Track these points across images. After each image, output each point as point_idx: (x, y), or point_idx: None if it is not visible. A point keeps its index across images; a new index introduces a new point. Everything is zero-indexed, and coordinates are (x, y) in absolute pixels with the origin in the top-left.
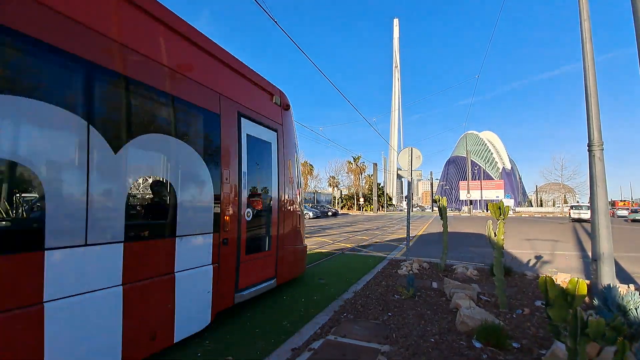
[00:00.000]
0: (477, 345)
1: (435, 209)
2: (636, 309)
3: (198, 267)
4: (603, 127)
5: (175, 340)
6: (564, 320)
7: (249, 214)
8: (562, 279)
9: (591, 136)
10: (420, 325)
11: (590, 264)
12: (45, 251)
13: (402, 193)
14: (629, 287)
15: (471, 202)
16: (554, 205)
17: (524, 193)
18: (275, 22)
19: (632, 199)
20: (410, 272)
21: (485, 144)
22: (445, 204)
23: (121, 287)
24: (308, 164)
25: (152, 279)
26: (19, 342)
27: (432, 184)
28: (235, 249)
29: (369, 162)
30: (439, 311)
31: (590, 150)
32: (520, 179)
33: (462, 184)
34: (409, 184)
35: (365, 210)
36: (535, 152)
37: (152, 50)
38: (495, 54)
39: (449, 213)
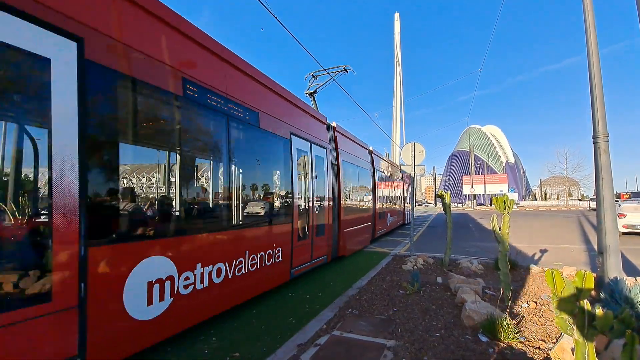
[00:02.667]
0: (483, 339)
1: (439, 204)
2: None
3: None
4: (608, 118)
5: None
6: (571, 313)
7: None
8: (568, 272)
9: (596, 127)
10: (426, 320)
11: (596, 257)
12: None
13: None
14: (636, 279)
15: (474, 196)
16: (558, 198)
17: (528, 187)
18: (276, 17)
19: (637, 190)
20: (415, 267)
21: (489, 138)
22: (449, 199)
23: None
24: None
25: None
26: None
27: (435, 179)
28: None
29: None
30: (444, 306)
31: (595, 142)
32: (524, 172)
33: (466, 178)
34: (412, 179)
35: None
36: (539, 146)
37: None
38: (498, 48)
39: (453, 208)
